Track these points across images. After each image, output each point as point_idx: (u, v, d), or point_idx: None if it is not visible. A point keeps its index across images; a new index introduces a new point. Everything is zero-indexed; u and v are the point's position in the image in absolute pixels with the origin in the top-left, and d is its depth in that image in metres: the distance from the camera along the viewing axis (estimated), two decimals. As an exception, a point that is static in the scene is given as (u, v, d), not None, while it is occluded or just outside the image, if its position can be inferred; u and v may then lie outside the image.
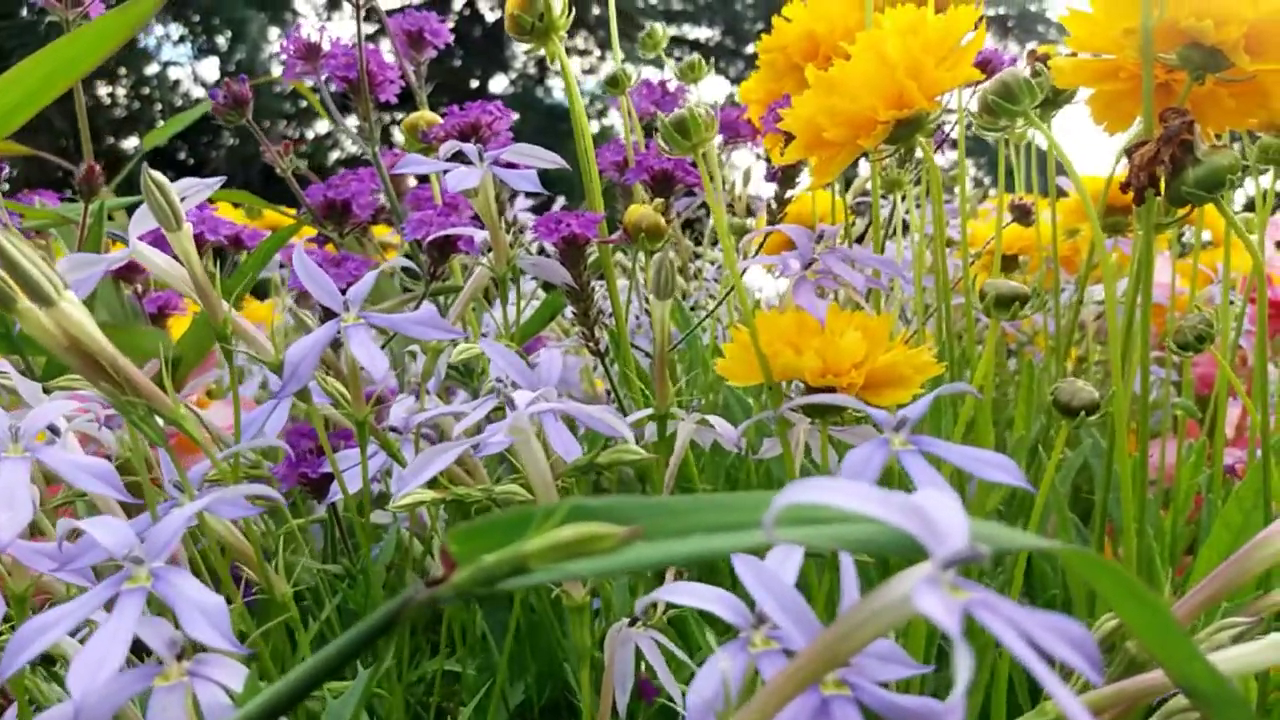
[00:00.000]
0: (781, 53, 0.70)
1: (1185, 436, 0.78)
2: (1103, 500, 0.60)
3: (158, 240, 0.55)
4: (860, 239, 1.04)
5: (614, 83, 0.67)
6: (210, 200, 0.97)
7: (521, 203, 1.21)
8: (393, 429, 0.49)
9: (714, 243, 0.86)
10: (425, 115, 0.65)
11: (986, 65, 0.71)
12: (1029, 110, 0.41)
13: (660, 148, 0.45)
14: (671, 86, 0.83)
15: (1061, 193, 1.15)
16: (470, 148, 0.45)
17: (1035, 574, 0.70)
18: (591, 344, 0.57)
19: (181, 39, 10.33)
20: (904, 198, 0.78)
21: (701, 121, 0.44)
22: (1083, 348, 1.11)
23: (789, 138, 0.50)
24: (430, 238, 0.55)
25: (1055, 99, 0.67)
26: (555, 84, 11.50)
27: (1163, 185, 0.43)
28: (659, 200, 0.57)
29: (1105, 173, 0.88)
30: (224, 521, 0.39)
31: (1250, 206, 0.94)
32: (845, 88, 0.45)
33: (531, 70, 11.31)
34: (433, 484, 0.39)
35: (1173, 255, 1.01)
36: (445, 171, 0.44)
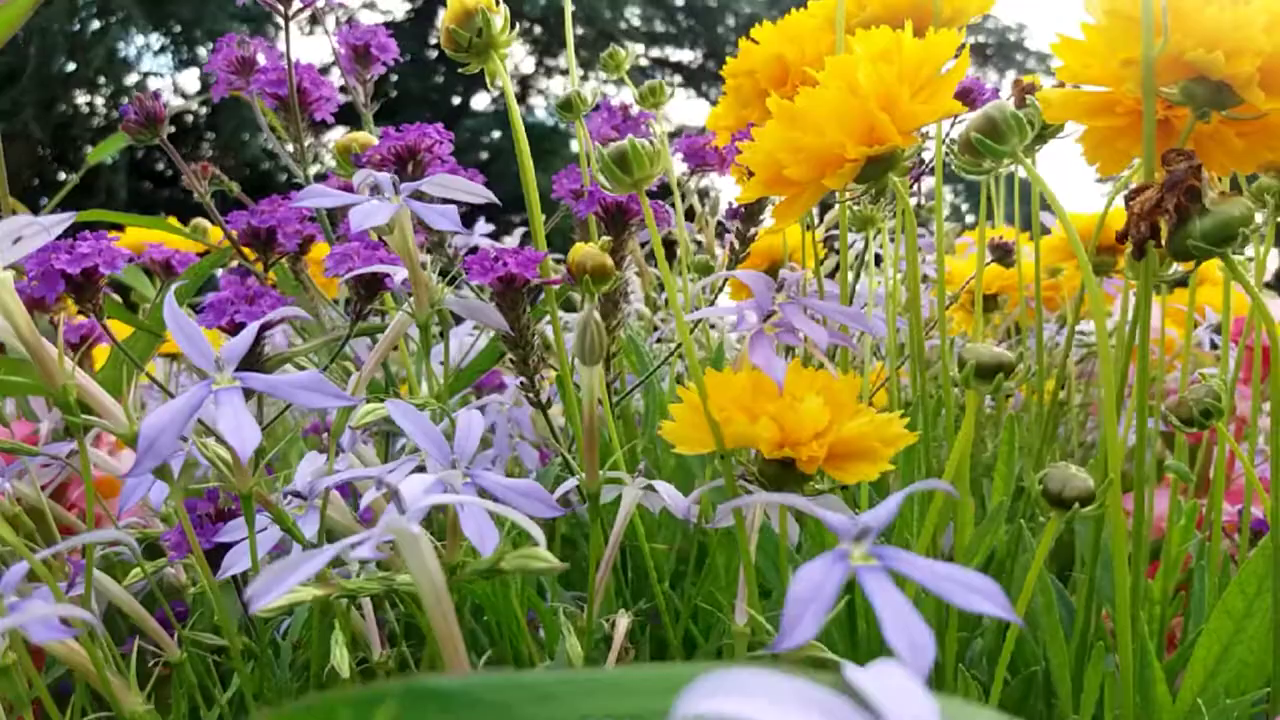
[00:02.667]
0: (749, 77, 0.65)
1: (1178, 491, 0.73)
2: (1090, 575, 0.55)
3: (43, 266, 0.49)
4: (832, 274, 0.99)
5: (567, 107, 0.61)
6: (117, 228, 0.91)
7: (481, 227, 1.15)
8: (296, 494, 0.44)
9: (685, 267, 0.80)
10: (359, 137, 0.59)
11: (967, 95, 0.66)
12: (1017, 150, 0.36)
13: (601, 184, 0.40)
14: (635, 111, 0.78)
15: (1044, 229, 1.10)
16: (385, 178, 0.40)
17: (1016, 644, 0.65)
18: (531, 394, 0.51)
19: (162, 49, 10.25)
20: (877, 233, 0.73)
21: (645, 155, 0.38)
22: (1064, 390, 1.07)
23: (751, 173, 0.45)
24: (354, 273, 0.49)
25: (1041, 133, 0.62)
26: (537, 102, 11.47)
27: (1165, 236, 0.38)
28: (605, 239, 0.52)
29: (1092, 208, 0.83)
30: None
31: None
32: (810, 120, 0.40)
33: (514, 88, 11.26)
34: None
35: (1161, 297, 0.97)
36: (353, 206, 0.39)
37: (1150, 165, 0.40)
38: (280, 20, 0.65)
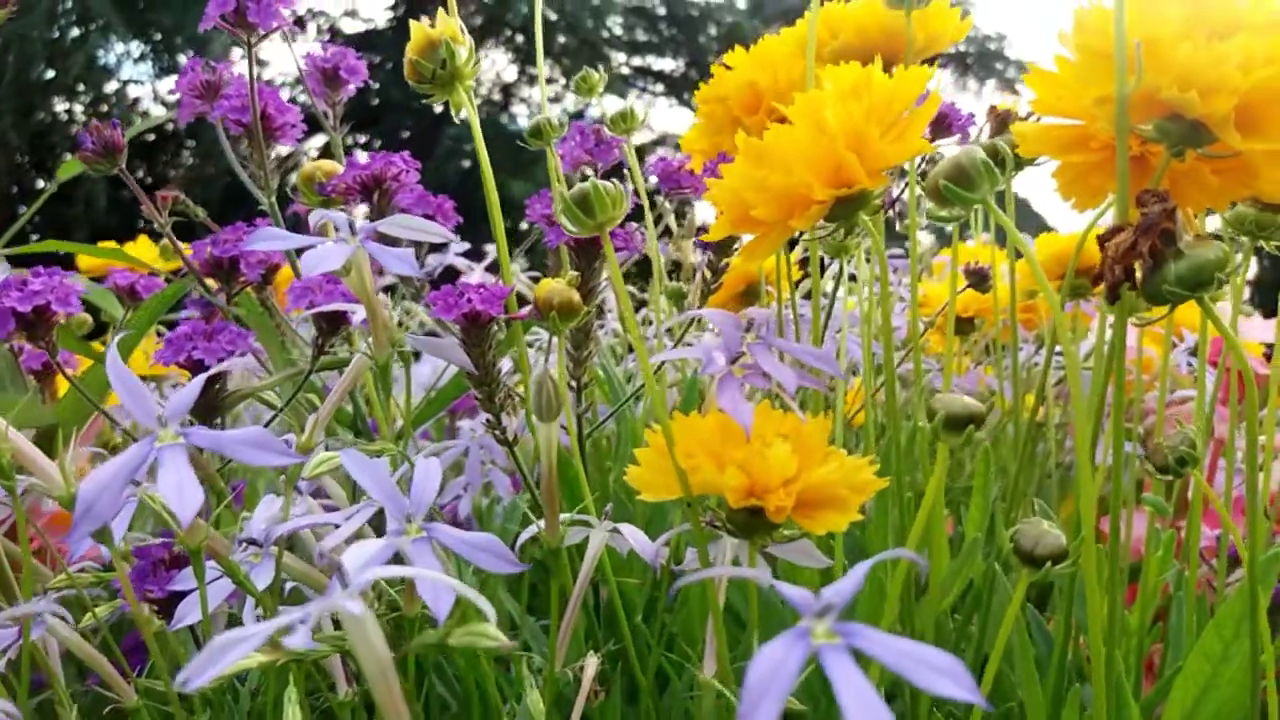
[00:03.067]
0: (721, 104, 0.64)
1: (1154, 521, 0.73)
2: (1067, 608, 0.54)
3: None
4: (809, 294, 0.98)
5: (536, 134, 0.60)
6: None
7: (456, 247, 1.14)
8: (251, 541, 0.43)
9: (659, 291, 0.79)
10: (323, 165, 0.58)
11: (943, 122, 0.66)
12: (988, 197, 0.35)
13: (565, 227, 0.39)
14: (609, 134, 0.77)
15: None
16: (341, 218, 0.39)
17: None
18: (498, 431, 0.50)
19: (142, 57, 10.19)
20: (851, 258, 0.73)
21: (608, 197, 0.37)
22: (1041, 412, 1.06)
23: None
24: (315, 310, 0.48)
25: (1020, 160, 0.62)
26: (519, 111, 11.44)
27: (1139, 279, 0.37)
28: (573, 274, 0.50)
29: (1076, 228, 0.83)
30: None
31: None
32: (777, 159, 0.39)
33: (497, 97, 11.24)
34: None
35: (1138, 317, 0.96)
36: (306, 249, 0.38)
37: (1124, 205, 0.39)
38: (264, 29, 0.64)
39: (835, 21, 0.58)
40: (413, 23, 0.49)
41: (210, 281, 0.60)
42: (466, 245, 1.13)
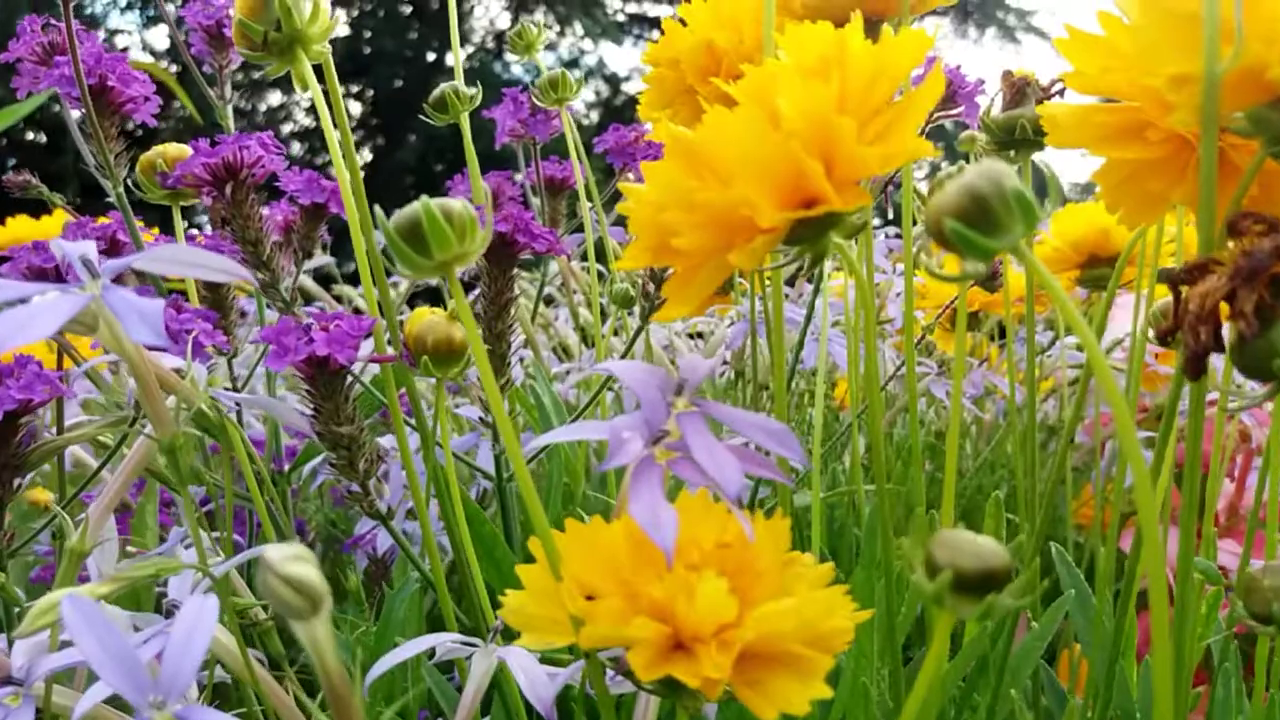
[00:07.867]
0: (672, 68, 0.52)
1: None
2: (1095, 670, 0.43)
3: None
4: (792, 281, 0.86)
5: (441, 106, 0.48)
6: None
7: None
8: (10, 680, 0.31)
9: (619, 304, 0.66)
10: (167, 151, 0.46)
11: (945, 90, 0.54)
12: (1021, 245, 0.23)
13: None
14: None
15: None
16: (75, 253, 0.26)
17: None
18: (365, 503, 0.39)
19: (129, 6, 9.93)
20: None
21: (453, 225, 0.25)
22: (1053, 407, 0.95)
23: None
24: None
25: (1037, 136, 0.50)
26: (514, 58, 11.17)
27: (1231, 343, 0.26)
28: (447, 309, 0.39)
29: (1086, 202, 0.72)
30: None
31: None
32: (714, 162, 0.27)
33: (490, 45, 10.97)
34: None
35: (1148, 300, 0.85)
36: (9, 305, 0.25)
37: (1209, 231, 0.28)
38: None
39: (811, -34, 0.46)
40: (242, -31, 0.36)
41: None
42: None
